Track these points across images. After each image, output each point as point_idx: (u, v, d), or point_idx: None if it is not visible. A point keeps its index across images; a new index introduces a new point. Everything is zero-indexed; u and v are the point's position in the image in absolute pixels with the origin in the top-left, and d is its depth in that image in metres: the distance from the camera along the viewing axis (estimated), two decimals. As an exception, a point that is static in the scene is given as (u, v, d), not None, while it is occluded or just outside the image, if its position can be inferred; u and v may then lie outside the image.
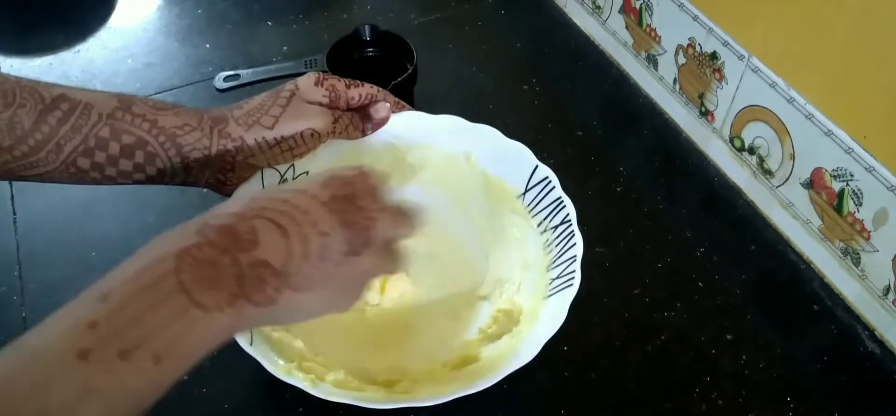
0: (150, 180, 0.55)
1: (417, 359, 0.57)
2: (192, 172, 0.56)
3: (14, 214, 0.69)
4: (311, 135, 0.57)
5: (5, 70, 0.82)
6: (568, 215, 0.57)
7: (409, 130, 0.62)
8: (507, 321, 0.57)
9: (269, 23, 0.89)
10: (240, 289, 0.38)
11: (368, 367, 0.55)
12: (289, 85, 0.58)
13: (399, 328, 0.60)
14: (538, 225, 0.59)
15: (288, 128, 0.56)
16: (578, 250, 0.54)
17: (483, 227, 0.63)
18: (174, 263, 0.37)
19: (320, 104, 0.58)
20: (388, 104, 0.61)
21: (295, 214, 0.42)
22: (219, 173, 0.57)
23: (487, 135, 0.62)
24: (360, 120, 0.61)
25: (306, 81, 0.58)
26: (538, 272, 0.58)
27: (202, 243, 0.39)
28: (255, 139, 0.56)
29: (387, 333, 0.59)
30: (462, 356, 0.56)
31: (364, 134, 0.61)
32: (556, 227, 0.57)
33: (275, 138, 0.56)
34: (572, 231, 0.56)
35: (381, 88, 0.62)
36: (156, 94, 0.80)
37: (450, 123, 0.62)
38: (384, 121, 0.61)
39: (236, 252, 0.39)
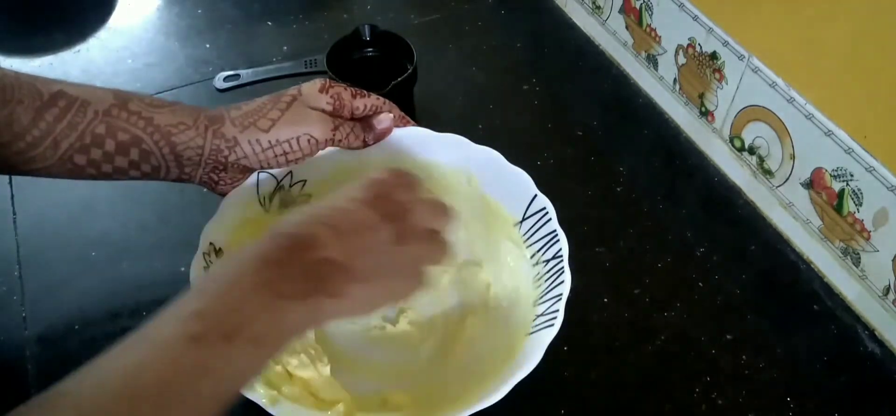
0: (145, 176, 0.55)
1: (391, 380, 0.57)
2: (185, 170, 0.56)
3: (14, 214, 0.69)
4: (309, 141, 0.57)
5: (5, 70, 0.82)
6: (560, 250, 0.55)
7: (410, 144, 0.62)
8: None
9: (269, 23, 0.89)
10: (313, 283, 0.42)
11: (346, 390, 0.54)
12: (292, 89, 0.58)
13: (386, 347, 0.59)
14: (531, 256, 0.58)
15: (284, 133, 0.56)
16: (565, 288, 0.53)
17: (479, 250, 0.62)
18: (255, 264, 0.41)
19: (323, 111, 0.57)
20: (391, 116, 0.61)
21: (345, 217, 0.45)
22: (212, 172, 0.57)
23: (489, 157, 0.60)
24: (362, 130, 0.60)
25: (311, 87, 0.58)
26: (526, 306, 0.56)
27: (275, 248, 0.42)
28: (249, 141, 0.56)
29: (361, 354, 0.59)
30: (429, 386, 0.56)
31: (365, 144, 0.60)
32: (548, 261, 0.56)
33: (269, 141, 0.56)
34: (562, 268, 0.54)
35: (386, 100, 0.62)
36: (156, 94, 0.79)
37: (452, 142, 0.61)
38: (386, 133, 0.61)
39: (303, 253, 0.42)
